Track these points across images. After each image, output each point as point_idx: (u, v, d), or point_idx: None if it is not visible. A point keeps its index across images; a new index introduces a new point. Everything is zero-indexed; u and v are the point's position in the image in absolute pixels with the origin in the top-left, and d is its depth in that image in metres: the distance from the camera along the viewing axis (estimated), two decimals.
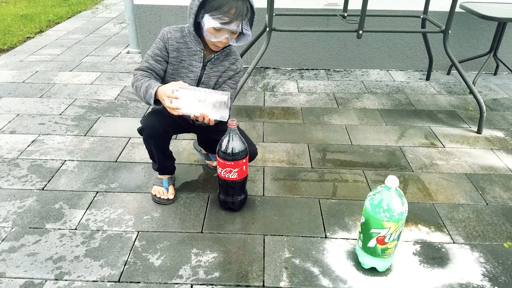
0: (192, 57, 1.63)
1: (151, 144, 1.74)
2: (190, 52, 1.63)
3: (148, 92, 1.51)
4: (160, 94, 1.49)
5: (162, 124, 1.67)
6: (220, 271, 1.45)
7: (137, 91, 1.57)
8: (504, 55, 3.30)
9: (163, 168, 1.85)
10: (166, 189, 1.82)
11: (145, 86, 1.53)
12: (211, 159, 2.07)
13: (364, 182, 1.96)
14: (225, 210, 1.75)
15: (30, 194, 1.83)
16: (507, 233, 1.66)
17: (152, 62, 1.62)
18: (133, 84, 1.60)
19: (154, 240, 1.59)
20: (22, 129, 2.37)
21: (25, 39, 4.12)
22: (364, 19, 2.32)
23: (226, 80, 1.71)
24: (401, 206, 1.32)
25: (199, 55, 1.63)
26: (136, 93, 1.59)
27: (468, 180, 1.99)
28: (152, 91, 1.50)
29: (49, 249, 1.53)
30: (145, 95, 1.53)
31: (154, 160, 1.83)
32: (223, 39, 1.52)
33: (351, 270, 1.47)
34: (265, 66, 3.42)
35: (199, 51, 1.62)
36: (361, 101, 2.83)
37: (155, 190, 1.83)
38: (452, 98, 2.89)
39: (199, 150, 2.13)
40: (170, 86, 1.49)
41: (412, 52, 3.34)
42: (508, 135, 2.42)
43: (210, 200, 1.82)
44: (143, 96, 1.54)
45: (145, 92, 1.52)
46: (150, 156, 1.84)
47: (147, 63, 1.62)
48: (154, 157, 1.81)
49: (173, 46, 1.61)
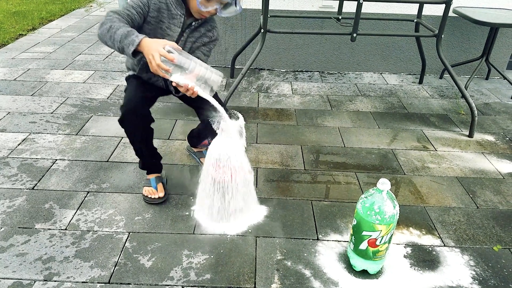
0: (172, 20, 1.57)
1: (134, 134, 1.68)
2: (170, 15, 1.56)
3: (130, 38, 1.36)
4: (147, 48, 1.36)
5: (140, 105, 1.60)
6: (212, 273, 1.45)
7: (110, 32, 1.39)
8: (496, 60, 3.34)
9: (148, 164, 1.84)
10: (154, 188, 1.80)
11: (126, 30, 1.38)
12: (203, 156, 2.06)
13: (356, 184, 1.97)
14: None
15: (20, 193, 1.81)
16: (497, 236, 1.68)
17: (134, 12, 1.48)
18: (105, 23, 1.41)
19: (145, 241, 1.58)
20: (12, 128, 2.34)
21: (17, 36, 4.07)
22: (358, 22, 2.33)
23: (200, 46, 1.66)
24: (392, 209, 1.32)
25: (179, 19, 1.57)
26: (106, 34, 1.41)
27: (459, 184, 2.00)
28: (136, 39, 1.36)
29: (39, 250, 1.51)
30: (122, 39, 1.37)
31: (140, 156, 1.82)
32: (212, 10, 1.50)
33: (342, 272, 1.47)
34: (260, 67, 3.42)
35: (179, 15, 1.56)
36: (354, 103, 2.84)
37: (145, 190, 1.81)
38: (444, 102, 2.92)
39: (192, 152, 2.13)
40: (163, 43, 1.37)
41: (405, 55, 3.36)
42: (499, 139, 2.44)
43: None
44: (118, 40, 1.38)
45: (124, 36, 1.37)
46: (136, 152, 1.80)
47: (128, 11, 1.47)
48: (140, 153, 1.79)
49: (155, 5, 1.53)
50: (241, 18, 3.18)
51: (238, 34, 3.27)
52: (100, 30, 1.43)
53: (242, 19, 3.18)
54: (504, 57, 3.37)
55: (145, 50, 1.37)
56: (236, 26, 3.23)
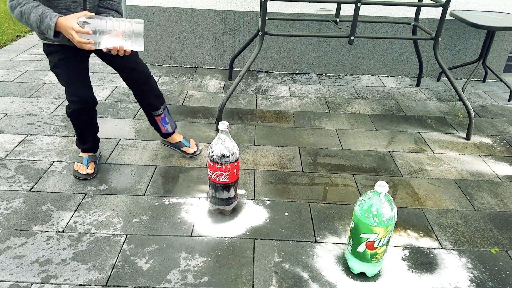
0: None
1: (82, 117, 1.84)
2: None
3: (44, 23, 1.38)
4: (64, 27, 1.38)
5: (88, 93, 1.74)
6: (209, 276, 1.44)
7: (24, 18, 1.41)
8: (492, 63, 3.35)
9: (87, 145, 1.96)
10: (85, 165, 1.91)
11: (37, 14, 1.38)
12: (185, 145, 2.13)
13: (354, 187, 1.97)
14: (215, 214, 1.75)
15: (17, 195, 1.81)
16: (495, 239, 1.68)
17: None
18: (16, 6, 1.40)
19: (142, 243, 1.57)
20: (10, 129, 2.33)
21: (15, 38, 4.07)
22: (356, 25, 2.33)
23: None
24: (390, 212, 1.32)
25: None
26: (20, 19, 1.43)
27: (456, 186, 2.01)
28: (51, 22, 1.37)
29: (36, 252, 1.51)
30: (38, 25, 1.39)
31: (83, 139, 1.94)
32: None
33: (340, 275, 1.47)
34: (258, 70, 3.42)
35: None
36: (352, 106, 2.85)
37: (76, 165, 1.93)
38: (441, 104, 2.93)
39: (168, 145, 2.17)
40: (75, 18, 1.37)
41: (402, 58, 3.37)
42: (496, 141, 2.45)
43: (200, 204, 1.81)
44: (35, 26, 1.41)
45: (39, 21, 1.39)
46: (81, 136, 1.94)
47: None
48: (84, 137, 1.93)
49: None
50: (239, 20, 3.18)
51: (236, 36, 3.27)
52: (13, 14, 1.44)
53: (241, 21, 3.19)
54: (501, 60, 3.38)
55: (62, 30, 1.41)
56: (234, 29, 3.23)
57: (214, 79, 3.20)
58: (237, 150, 1.62)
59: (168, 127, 2.08)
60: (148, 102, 1.99)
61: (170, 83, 3.09)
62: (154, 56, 3.39)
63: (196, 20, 3.23)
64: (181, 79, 3.17)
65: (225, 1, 3.14)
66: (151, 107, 2.01)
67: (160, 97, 2.01)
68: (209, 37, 3.30)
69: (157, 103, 2.00)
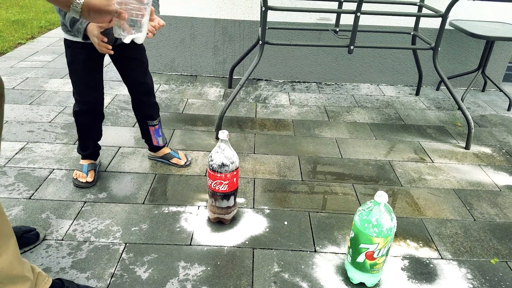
0: None
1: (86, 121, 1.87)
2: None
3: (76, 26, 1.51)
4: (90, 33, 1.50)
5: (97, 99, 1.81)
6: (208, 285, 1.44)
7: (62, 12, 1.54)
8: (492, 72, 3.37)
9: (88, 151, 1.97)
10: (85, 173, 1.92)
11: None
12: (175, 156, 2.13)
13: (353, 196, 1.97)
14: (215, 223, 1.74)
15: (16, 203, 1.80)
16: (494, 249, 1.68)
17: None
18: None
19: (142, 252, 1.57)
20: (10, 136, 2.33)
21: (16, 45, 4.09)
22: (355, 35, 2.35)
23: None
24: (390, 222, 1.32)
25: None
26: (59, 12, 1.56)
27: (456, 196, 2.01)
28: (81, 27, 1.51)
29: (35, 260, 1.50)
30: (71, 25, 1.53)
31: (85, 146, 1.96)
32: None
33: (340, 285, 1.47)
34: (258, 78, 3.44)
35: None
36: (352, 114, 2.86)
37: (75, 173, 1.94)
38: (441, 114, 2.94)
39: (155, 158, 2.17)
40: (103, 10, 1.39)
41: (402, 67, 3.39)
42: (495, 151, 2.45)
43: (199, 212, 1.81)
44: (69, 24, 1.54)
45: (72, 23, 1.52)
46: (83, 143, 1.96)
47: None
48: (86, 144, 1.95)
49: None
50: (239, 29, 3.20)
51: (236, 45, 3.29)
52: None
53: (241, 30, 3.21)
54: (500, 69, 3.40)
55: (90, 36, 1.52)
56: (234, 37, 3.25)
57: (214, 87, 3.21)
58: (236, 159, 1.62)
59: (160, 140, 2.09)
60: (146, 112, 2.01)
61: (170, 91, 3.10)
62: (155, 64, 3.41)
63: (196, 29, 3.25)
64: (181, 87, 3.18)
65: (226, 10, 3.16)
66: (148, 117, 2.03)
67: (157, 108, 2.05)
68: (210, 45, 3.31)
69: (154, 114, 2.03)
